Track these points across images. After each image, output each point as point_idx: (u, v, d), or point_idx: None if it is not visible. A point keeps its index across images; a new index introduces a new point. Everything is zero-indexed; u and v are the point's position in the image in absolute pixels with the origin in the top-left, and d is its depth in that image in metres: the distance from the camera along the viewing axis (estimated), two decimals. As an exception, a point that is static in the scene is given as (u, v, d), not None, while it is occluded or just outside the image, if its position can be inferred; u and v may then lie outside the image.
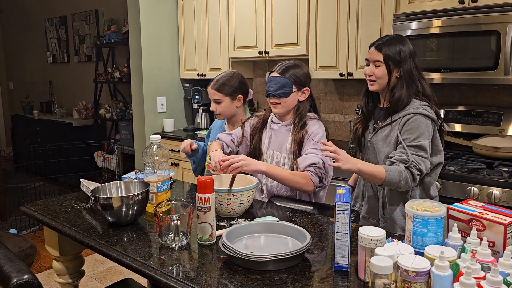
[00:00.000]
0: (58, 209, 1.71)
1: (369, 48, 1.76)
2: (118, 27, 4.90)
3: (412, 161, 1.59)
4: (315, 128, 1.82)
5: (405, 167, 1.58)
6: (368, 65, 1.76)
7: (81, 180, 1.84)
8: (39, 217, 1.65)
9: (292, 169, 1.80)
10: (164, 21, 3.81)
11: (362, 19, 2.68)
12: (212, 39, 3.61)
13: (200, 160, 2.21)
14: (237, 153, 1.98)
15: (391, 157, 1.64)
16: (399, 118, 1.69)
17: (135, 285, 1.73)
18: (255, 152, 1.95)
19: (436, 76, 2.37)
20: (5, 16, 7.22)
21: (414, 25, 2.41)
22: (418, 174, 1.60)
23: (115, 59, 5.25)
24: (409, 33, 2.43)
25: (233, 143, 2.00)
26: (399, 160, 1.61)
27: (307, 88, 1.86)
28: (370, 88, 1.77)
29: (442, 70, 2.33)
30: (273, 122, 1.94)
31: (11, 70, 7.38)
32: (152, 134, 3.26)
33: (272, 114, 1.95)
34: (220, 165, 1.67)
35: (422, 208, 1.07)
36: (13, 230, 3.78)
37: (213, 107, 2.08)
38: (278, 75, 1.83)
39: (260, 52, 3.24)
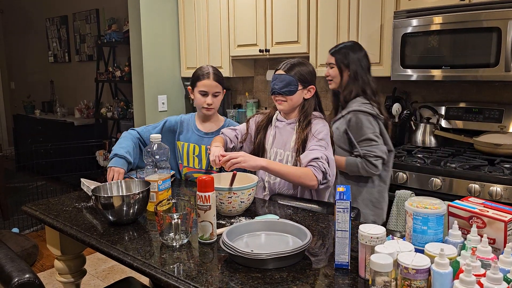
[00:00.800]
0: (60, 209, 1.71)
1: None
2: (119, 26, 4.90)
3: (364, 152, 1.98)
4: (319, 126, 1.80)
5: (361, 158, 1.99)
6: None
7: (82, 179, 1.84)
8: (41, 217, 1.66)
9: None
10: (165, 20, 3.81)
11: (363, 17, 2.67)
12: (212, 37, 3.60)
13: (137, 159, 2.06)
14: (240, 149, 1.98)
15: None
16: (347, 112, 2.05)
17: (137, 284, 1.74)
18: (259, 150, 1.94)
19: (437, 73, 2.36)
20: (6, 16, 7.23)
21: (414, 22, 2.41)
22: (376, 159, 1.97)
23: (116, 58, 5.25)
24: (409, 30, 2.42)
25: (237, 139, 1.99)
26: (356, 155, 2.01)
27: (313, 86, 1.85)
28: (330, 86, 2.23)
29: (443, 67, 2.32)
30: (278, 120, 1.93)
31: (12, 70, 7.39)
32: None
33: (277, 112, 1.94)
34: (219, 160, 1.67)
35: (422, 206, 1.07)
36: (15, 230, 3.79)
37: (209, 100, 1.97)
38: (284, 73, 1.81)
39: (260, 50, 3.23)
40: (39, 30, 6.60)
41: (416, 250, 1.03)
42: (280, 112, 1.93)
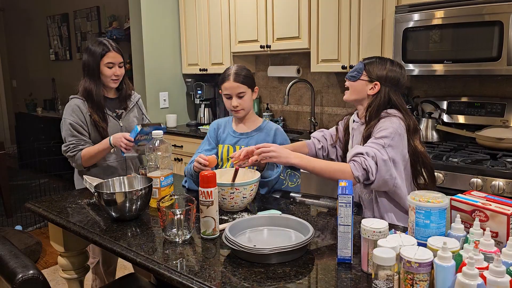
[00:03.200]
0: (62, 205, 1.72)
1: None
2: (119, 23, 4.90)
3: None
4: (386, 123, 1.62)
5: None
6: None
7: (84, 176, 1.85)
8: (44, 213, 1.66)
9: None
10: (166, 17, 3.81)
11: (364, 12, 2.66)
12: (213, 33, 3.60)
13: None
14: (333, 149, 1.95)
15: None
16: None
17: (140, 280, 1.74)
18: (346, 150, 1.86)
19: (439, 68, 2.35)
20: (7, 15, 7.23)
21: (416, 16, 2.40)
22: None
23: (117, 56, 5.24)
24: (411, 24, 2.41)
25: (325, 139, 1.95)
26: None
27: (377, 82, 1.70)
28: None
29: (445, 62, 2.32)
30: (354, 121, 1.84)
31: (14, 68, 7.40)
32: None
33: (355, 112, 1.86)
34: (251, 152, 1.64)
35: (424, 199, 1.07)
36: (18, 227, 3.81)
37: (235, 102, 1.86)
38: (361, 61, 1.77)
39: (261, 46, 3.23)
40: (40, 28, 6.60)
41: (419, 244, 1.03)
42: (357, 112, 1.83)
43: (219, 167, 1.97)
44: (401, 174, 1.61)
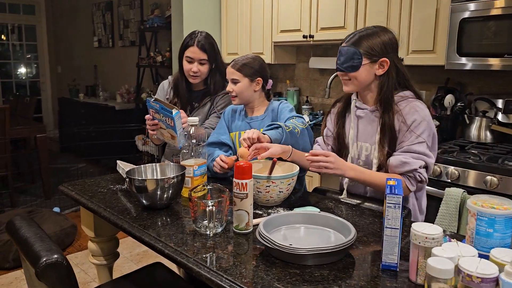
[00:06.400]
0: (95, 190, 1.69)
1: None
2: (161, 11, 4.89)
3: None
4: (417, 115, 1.46)
5: None
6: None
7: (118, 161, 1.81)
8: (76, 197, 1.63)
9: (381, 167, 1.54)
10: (207, 5, 3.74)
11: (416, 1, 2.49)
12: (255, 22, 3.50)
13: None
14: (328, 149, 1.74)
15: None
16: None
17: (163, 270, 1.68)
18: (340, 146, 1.69)
19: (495, 62, 2.16)
20: (55, 2, 7.42)
21: (473, 6, 2.21)
22: None
23: (157, 44, 5.26)
24: (467, 15, 2.23)
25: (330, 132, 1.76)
26: None
27: (385, 58, 1.50)
28: None
29: (505, 56, 2.12)
30: (357, 107, 1.63)
31: (59, 54, 7.60)
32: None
33: (353, 97, 1.65)
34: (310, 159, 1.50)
35: (488, 205, 0.94)
36: (56, 209, 3.89)
37: (229, 87, 1.86)
38: (346, 45, 1.53)
39: (304, 36, 3.10)
40: (86, 15, 6.73)
41: (480, 256, 0.90)
42: (357, 96, 1.64)
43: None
44: (436, 152, 1.55)
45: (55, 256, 1.09)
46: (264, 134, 1.62)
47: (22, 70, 7.58)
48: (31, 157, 4.84)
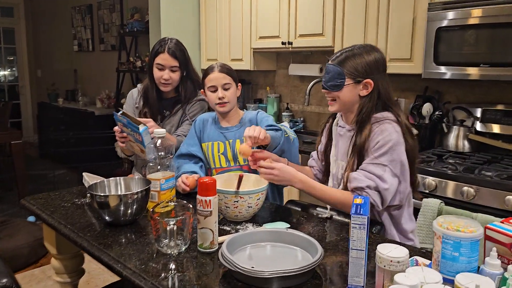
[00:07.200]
0: (58, 204, 1.61)
1: None
2: (141, 15, 4.82)
3: None
4: (383, 135, 1.43)
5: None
6: None
7: (84, 173, 1.74)
8: (37, 212, 1.56)
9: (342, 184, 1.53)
10: (185, 10, 3.69)
11: (394, 8, 2.47)
12: (234, 28, 3.46)
13: None
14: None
15: None
16: None
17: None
18: (326, 163, 1.68)
19: (473, 72, 2.15)
20: (34, 4, 7.28)
21: (451, 15, 2.19)
22: None
23: (137, 48, 5.18)
24: (445, 23, 2.21)
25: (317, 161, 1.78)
26: None
27: (369, 80, 1.47)
28: None
29: (481, 65, 2.11)
30: (339, 125, 1.63)
31: (39, 58, 7.45)
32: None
33: (338, 116, 1.66)
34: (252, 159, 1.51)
35: (454, 227, 0.90)
36: (31, 218, 3.76)
37: (221, 93, 1.76)
38: (332, 63, 1.51)
39: (283, 43, 3.07)
40: (66, 19, 6.61)
41: (445, 280, 0.86)
42: (341, 115, 1.63)
43: (208, 167, 1.86)
44: (407, 179, 1.47)
45: (4, 280, 1.03)
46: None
47: (0, 73, 7.41)
48: (7, 164, 4.71)
